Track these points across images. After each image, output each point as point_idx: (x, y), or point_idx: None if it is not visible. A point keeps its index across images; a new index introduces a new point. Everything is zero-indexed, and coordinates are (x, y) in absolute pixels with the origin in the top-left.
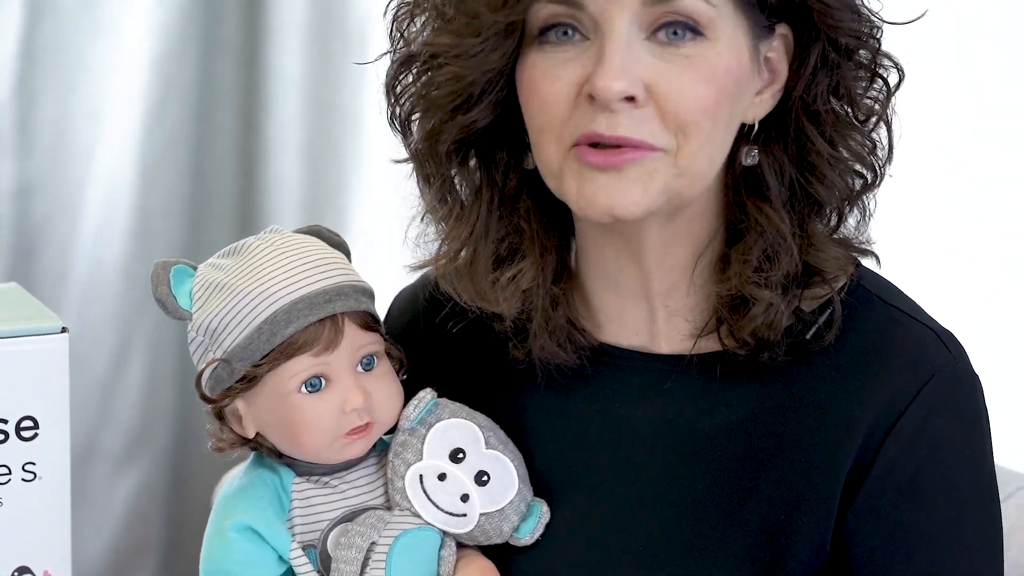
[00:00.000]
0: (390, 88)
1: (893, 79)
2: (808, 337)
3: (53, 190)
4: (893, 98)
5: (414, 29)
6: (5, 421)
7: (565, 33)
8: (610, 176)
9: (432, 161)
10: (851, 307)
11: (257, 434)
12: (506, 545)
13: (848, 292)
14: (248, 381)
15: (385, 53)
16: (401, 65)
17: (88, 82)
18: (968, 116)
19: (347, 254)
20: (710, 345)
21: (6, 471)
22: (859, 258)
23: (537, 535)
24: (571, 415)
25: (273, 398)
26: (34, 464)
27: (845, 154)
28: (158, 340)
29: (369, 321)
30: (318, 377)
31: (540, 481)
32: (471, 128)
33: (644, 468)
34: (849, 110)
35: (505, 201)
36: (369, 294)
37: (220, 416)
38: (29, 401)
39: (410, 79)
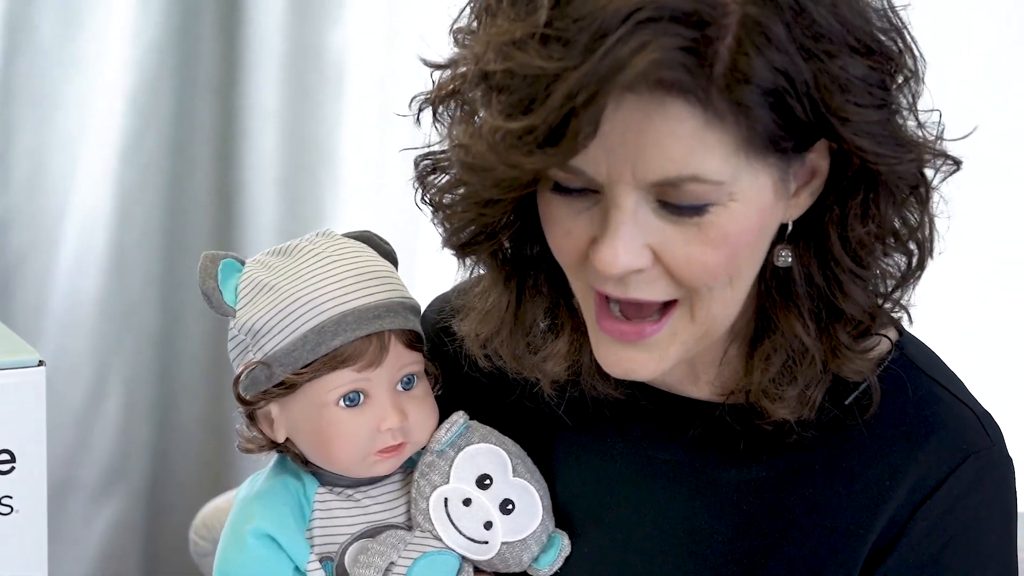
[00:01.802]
0: (420, 179)
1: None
2: (846, 403)
3: (30, 223)
4: (933, 209)
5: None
6: None
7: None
8: (626, 346)
9: (463, 258)
10: (892, 376)
11: (286, 439)
12: (523, 574)
13: (891, 361)
14: (286, 387)
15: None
16: (427, 167)
17: (65, 116)
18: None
19: (395, 263)
20: (743, 397)
21: None
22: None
23: (556, 568)
24: (598, 451)
25: (309, 407)
26: (11, 497)
27: (874, 271)
28: (135, 373)
29: (414, 340)
30: (357, 392)
31: (561, 513)
32: (499, 244)
33: (666, 512)
34: (882, 229)
35: (539, 285)
36: (416, 312)
37: (251, 417)
38: (5, 434)
39: (435, 187)
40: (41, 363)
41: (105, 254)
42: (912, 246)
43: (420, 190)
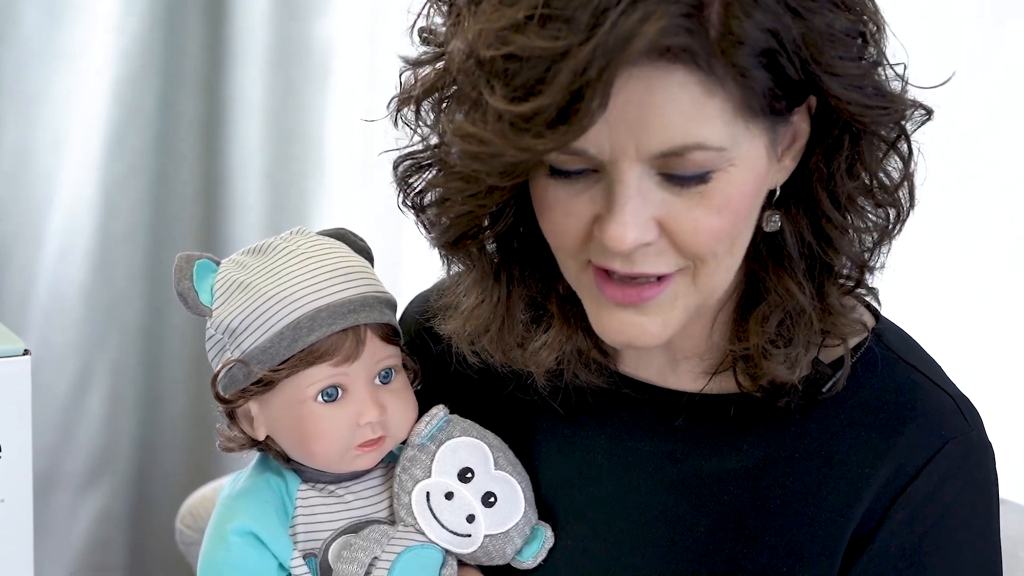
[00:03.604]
0: (402, 181)
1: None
2: (824, 391)
3: (15, 216)
4: (914, 163)
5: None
6: None
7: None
8: (628, 310)
9: (451, 256)
10: (870, 363)
11: (267, 437)
12: (507, 567)
13: (868, 347)
14: (264, 384)
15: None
16: (410, 168)
17: (50, 110)
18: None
19: (371, 259)
20: (725, 386)
21: None
22: (871, 302)
23: (540, 559)
24: (580, 443)
25: (288, 404)
26: None
27: (861, 224)
28: (120, 365)
29: (390, 334)
30: (335, 387)
31: (544, 506)
32: (486, 240)
33: (648, 504)
34: (869, 182)
35: (526, 277)
36: (392, 306)
37: (231, 416)
38: None
39: (421, 185)
40: (26, 352)
41: (90, 247)
42: (896, 198)
43: (402, 192)
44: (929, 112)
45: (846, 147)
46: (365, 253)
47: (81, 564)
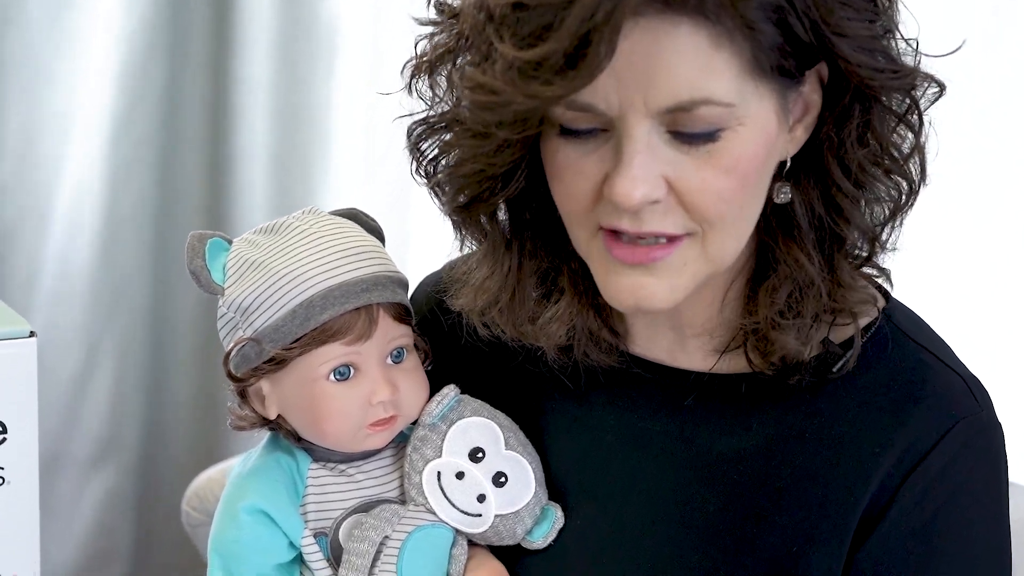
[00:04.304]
0: (415, 148)
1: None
2: (835, 370)
3: (21, 197)
4: (924, 135)
5: (437, 86)
6: None
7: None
8: (637, 271)
9: (463, 223)
10: (880, 343)
11: (278, 416)
12: (517, 547)
13: (878, 327)
14: (276, 363)
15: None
16: (423, 133)
17: (56, 91)
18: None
19: (382, 239)
20: (735, 365)
21: None
22: (882, 283)
23: (550, 540)
24: (589, 422)
25: (300, 383)
26: (3, 469)
27: (871, 195)
28: (126, 346)
29: (402, 313)
30: (347, 366)
31: (554, 486)
32: (499, 203)
33: (658, 484)
34: (879, 151)
35: (537, 249)
36: (404, 285)
37: (243, 395)
38: None
39: (434, 150)
40: (32, 334)
41: (97, 228)
42: (906, 169)
43: (415, 160)
44: (941, 87)
45: (856, 115)
46: (376, 233)
47: (87, 546)
